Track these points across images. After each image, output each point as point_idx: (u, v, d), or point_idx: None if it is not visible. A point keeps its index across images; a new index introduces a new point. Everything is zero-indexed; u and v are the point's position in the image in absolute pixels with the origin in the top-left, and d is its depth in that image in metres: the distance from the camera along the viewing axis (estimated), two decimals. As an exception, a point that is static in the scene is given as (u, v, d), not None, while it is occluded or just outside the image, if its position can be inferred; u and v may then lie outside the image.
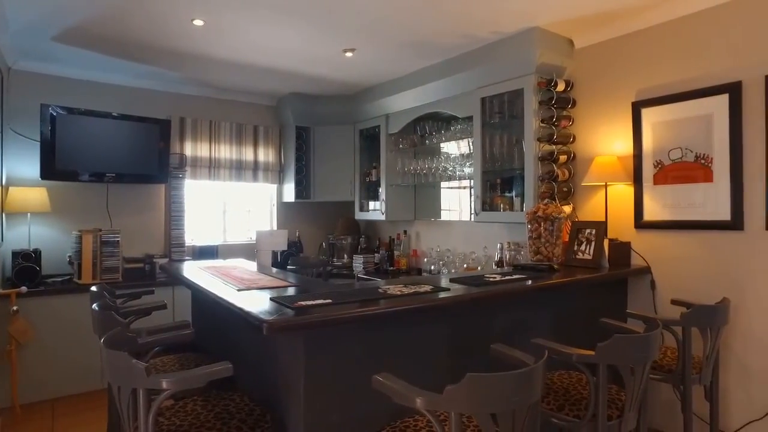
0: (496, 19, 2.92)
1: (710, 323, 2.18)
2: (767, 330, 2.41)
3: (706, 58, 2.63)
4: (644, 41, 2.88)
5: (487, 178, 3.46)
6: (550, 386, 1.94)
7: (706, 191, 2.63)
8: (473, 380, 1.20)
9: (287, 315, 1.51)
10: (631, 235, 2.93)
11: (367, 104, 4.55)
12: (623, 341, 1.66)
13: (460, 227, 4.06)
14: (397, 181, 4.39)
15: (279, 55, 3.65)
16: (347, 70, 3.98)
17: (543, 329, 2.42)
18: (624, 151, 2.96)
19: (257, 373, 2.00)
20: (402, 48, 3.45)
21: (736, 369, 2.52)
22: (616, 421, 1.75)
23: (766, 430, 2.42)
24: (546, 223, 2.63)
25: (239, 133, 4.81)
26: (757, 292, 2.44)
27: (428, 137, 4.08)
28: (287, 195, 5.00)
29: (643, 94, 2.88)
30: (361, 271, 4.47)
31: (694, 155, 2.68)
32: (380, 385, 1.35)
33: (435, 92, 3.81)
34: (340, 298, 1.78)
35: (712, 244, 2.61)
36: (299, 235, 5.09)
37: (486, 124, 3.42)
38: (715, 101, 2.59)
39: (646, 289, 2.86)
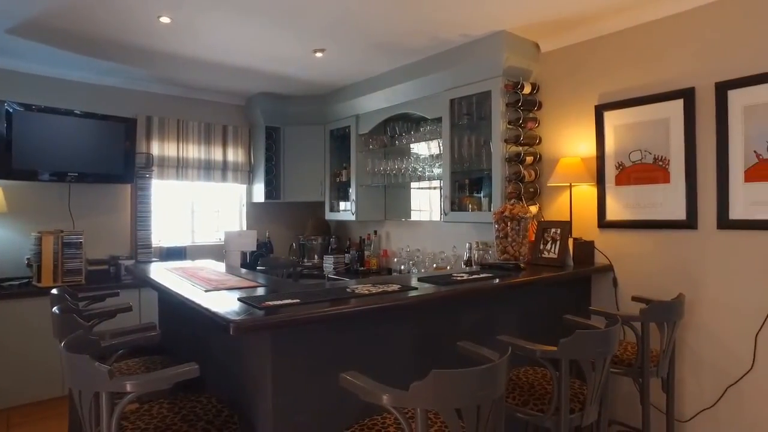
0: (465, 22, 2.97)
1: (667, 318, 2.28)
2: (719, 323, 2.53)
3: (663, 64, 2.73)
4: (606, 47, 2.97)
5: (456, 179, 3.51)
6: (516, 382, 1.99)
7: (663, 192, 2.73)
8: (438, 376, 1.22)
9: (255, 315, 1.51)
10: (595, 235, 3.02)
11: (338, 105, 4.55)
12: (584, 337, 1.71)
13: (430, 227, 4.11)
14: (367, 182, 4.40)
15: (248, 55, 3.61)
16: (317, 70, 3.98)
17: (511, 326, 2.48)
18: (588, 153, 3.04)
19: (226, 375, 1.98)
20: (372, 49, 3.47)
21: (690, 361, 2.63)
22: (578, 414, 1.81)
23: (716, 417, 2.54)
24: (512, 223, 2.69)
25: (208, 132, 4.74)
26: (710, 288, 2.56)
27: (398, 138, 4.11)
28: (257, 195, 4.96)
29: (605, 98, 2.98)
30: (331, 271, 4.47)
31: (653, 157, 2.78)
32: (347, 383, 1.36)
33: (405, 93, 3.84)
34: (308, 297, 1.78)
35: (670, 243, 2.71)
36: (269, 235, 5.05)
37: (455, 125, 3.47)
38: (671, 106, 2.69)
39: (609, 286, 2.95)
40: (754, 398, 2.41)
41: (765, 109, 2.38)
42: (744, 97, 2.44)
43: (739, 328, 2.46)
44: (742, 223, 2.45)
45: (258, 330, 1.50)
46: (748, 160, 2.43)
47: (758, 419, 2.40)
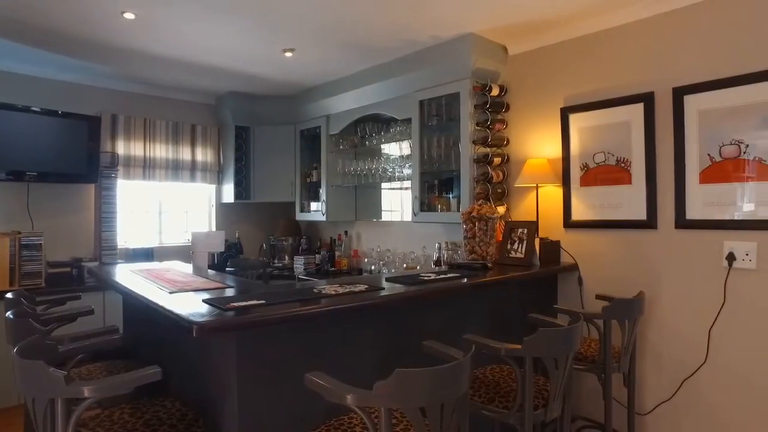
0: (433, 24, 3.00)
1: (628, 316, 2.34)
2: (676, 319, 2.62)
3: (625, 69, 2.82)
4: (572, 51, 3.04)
5: (426, 179, 3.54)
6: (482, 380, 2.02)
7: (626, 193, 2.81)
8: (401, 376, 1.23)
9: (219, 316, 1.49)
10: (561, 234, 3.08)
11: (308, 105, 4.53)
12: (547, 335, 1.75)
13: (400, 228, 4.13)
14: (337, 182, 4.40)
15: (217, 53, 3.57)
16: (287, 70, 3.95)
17: (478, 325, 2.51)
18: (554, 154, 3.11)
19: (191, 378, 1.95)
20: (342, 49, 3.47)
21: (650, 356, 2.71)
22: (542, 411, 1.85)
23: (674, 409, 2.63)
24: (480, 223, 2.73)
25: (176, 131, 4.65)
26: (669, 285, 2.64)
27: (368, 138, 4.12)
28: (226, 196, 4.89)
29: (570, 101, 3.05)
30: (302, 272, 4.45)
31: (616, 159, 2.85)
32: (312, 383, 1.36)
33: (375, 94, 3.85)
34: (274, 298, 1.77)
35: (631, 242, 2.79)
36: (239, 236, 4.99)
37: (424, 126, 3.50)
38: (632, 110, 2.77)
39: (574, 285, 3.02)
40: (708, 389, 2.51)
41: (717, 114, 2.47)
42: (699, 102, 2.53)
43: (694, 323, 2.55)
44: (697, 222, 2.54)
45: (222, 331, 1.49)
46: (702, 163, 2.52)
47: (712, 409, 2.50)
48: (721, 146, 2.47)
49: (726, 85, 2.45)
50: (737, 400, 2.42)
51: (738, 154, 2.42)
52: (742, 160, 2.41)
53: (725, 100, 2.45)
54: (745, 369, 2.40)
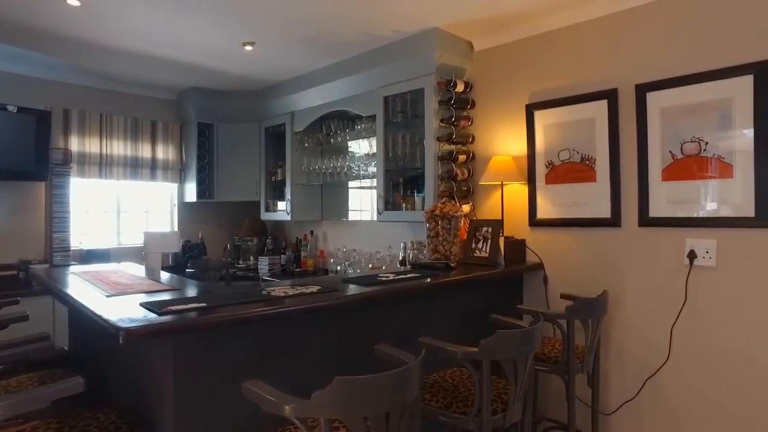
0: (397, 18, 2.92)
1: (591, 315, 2.30)
2: (640, 318, 2.59)
3: (589, 65, 2.79)
4: (537, 46, 3.00)
5: (390, 177, 3.46)
6: (441, 384, 1.95)
7: (590, 190, 2.78)
8: (341, 384, 1.14)
9: (150, 321, 1.37)
10: (526, 233, 3.04)
11: (273, 101, 4.41)
12: (505, 337, 1.69)
13: (366, 227, 4.04)
14: (303, 181, 4.29)
15: (175, 47, 3.42)
16: (249, 64, 3.83)
17: (441, 327, 2.43)
18: (519, 152, 3.06)
19: (130, 387, 1.83)
20: (303, 44, 3.37)
21: (615, 355, 2.68)
22: (501, 415, 1.78)
23: (637, 408, 2.61)
24: (444, 222, 2.66)
25: (135, 128, 4.47)
26: (633, 284, 2.62)
27: (334, 136, 4.02)
28: (189, 195, 4.74)
29: (535, 97, 3.01)
30: (266, 273, 4.32)
31: (580, 156, 2.82)
32: (249, 392, 1.26)
33: (339, 90, 3.76)
34: (217, 301, 1.67)
35: (596, 240, 2.76)
36: (202, 236, 4.83)
37: (389, 123, 3.43)
38: (596, 106, 2.74)
39: (540, 284, 2.98)
40: (670, 388, 2.49)
41: (678, 112, 2.46)
42: (661, 99, 2.51)
43: (657, 321, 2.53)
44: (660, 220, 2.52)
45: (152, 337, 1.38)
46: (664, 160, 2.50)
47: (674, 407, 2.48)
48: (682, 143, 2.46)
49: (686, 83, 2.43)
50: (698, 399, 2.41)
51: (698, 152, 2.41)
52: (703, 158, 2.40)
53: (686, 98, 2.44)
54: (706, 367, 2.38)
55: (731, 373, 2.31)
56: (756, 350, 2.25)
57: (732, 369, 2.31)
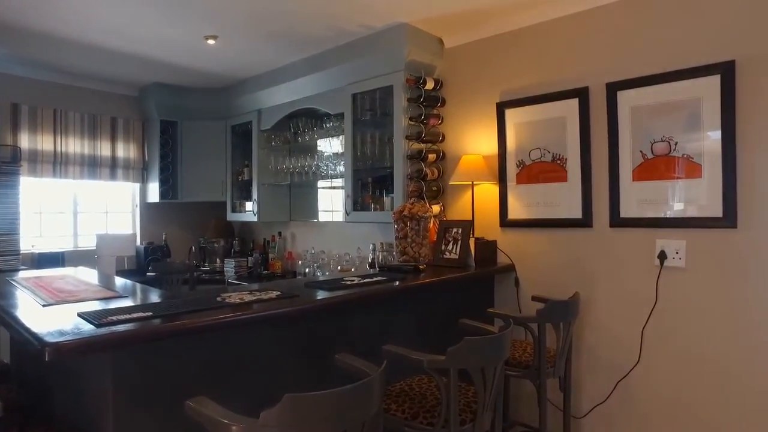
0: (364, 12, 2.83)
1: (563, 318, 2.25)
2: (612, 319, 2.56)
3: (560, 63, 2.74)
4: (507, 44, 2.95)
5: (359, 177, 3.37)
6: (408, 393, 1.85)
7: (561, 190, 2.74)
8: (291, 402, 1.04)
9: (81, 335, 1.24)
10: (497, 234, 2.98)
11: (239, 98, 4.27)
12: (473, 344, 1.60)
13: (336, 228, 3.93)
14: (270, 180, 4.16)
15: (133, 39, 3.25)
16: (213, 60, 3.68)
17: (409, 333, 2.35)
18: (490, 151, 3.00)
19: (72, 403, 1.68)
20: (269, 39, 3.24)
21: (586, 358, 2.64)
22: (470, 425, 1.70)
23: (608, 411, 2.57)
24: (412, 223, 2.57)
25: (93, 125, 4.26)
26: (604, 285, 2.58)
27: (302, 134, 3.91)
28: (152, 195, 4.55)
29: (506, 96, 2.95)
30: (232, 275, 4.17)
31: (552, 156, 2.77)
32: (192, 411, 1.15)
33: (307, 87, 3.65)
34: (165, 309, 1.54)
35: (567, 241, 2.72)
36: (166, 238, 4.64)
37: (357, 121, 3.33)
38: (567, 105, 2.70)
39: (511, 286, 2.93)
40: (641, 390, 2.46)
41: (649, 111, 2.43)
42: (631, 98, 2.48)
43: (628, 323, 2.50)
44: (631, 221, 2.49)
45: (84, 353, 1.24)
46: (635, 160, 2.47)
47: (645, 409, 2.45)
48: (652, 143, 2.43)
49: (656, 82, 2.41)
50: (668, 401, 2.38)
51: (668, 151, 2.38)
52: (672, 158, 2.37)
53: (656, 97, 2.41)
54: (676, 369, 2.36)
55: (700, 374, 2.29)
56: (723, 351, 2.23)
57: (701, 370, 2.29)
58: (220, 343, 1.61)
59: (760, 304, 2.15)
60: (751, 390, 2.16)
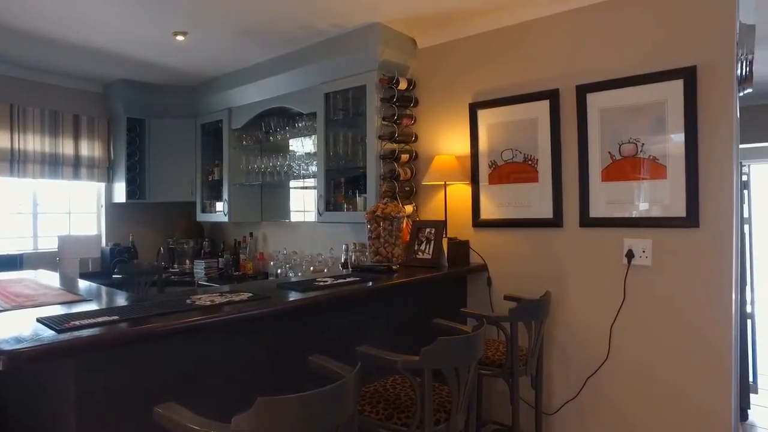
0: (337, 11, 2.81)
1: (534, 317, 2.28)
2: (582, 318, 2.60)
3: (531, 65, 2.78)
4: (480, 45, 2.97)
5: (332, 177, 3.34)
6: (382, 394, 1.84)
7: (533, 191, 2.77)
8: (263, 405, 1.02)
9: (41, 341, 1.19)
10: (470, 234, 3.00)
11: (209, 96, 4.18)
12: (446, 344, 1.61)
13: (308, 228, 3.90)
14: (241, 180, 4.09)
15: (97, 33, 3.14)
16: (182, 56, 3.59)
17: (383, 333, 2.34)
18: (462, 151, 3.02)
19: (28, 417, 1.61)
20: (240, 36, 3.19)
21: (558, 356, 2.69)
22: (444, 425, 1.70)
23: (579, 406, 2.62)
24: (385, 223, 2.57)
25: (54, 122, 4.11)
26: (575, 284, 2.63)
27: (273, 134, 3.85)
28: (118, 195, 4.41)
29: (479, 96, 2.97)
30: (202, 277, 4.09)
31: (523, 156, 2.81)
32: (161, 418, 1.11)
33: (279, 86, 3.60)
34: (132, 312, 1.49)
35: (539, 241, 2.75)
36: (133, 239, 4.52)
37: (330, 120, 3.30)
38: (538, 106, 2.74)
39: (484, 286, 2.95)
40: (610, 386, 2.51)
41: (616, 113, 2.49)
42: (600, 100, 2.53)
43: (597, 320, 2.55)
44: (600, 221, 2.54)
45: (43, 361, 1.19)
46: (604, 161, 2.52)
47: (613, 405, 2.50)
48: (620, 145, 2.48)
49: (623, 85, 2.46)
50: (636, 395, 2.44)
51: (635, 153, 2.44)
52: (639, 159, 2.43)
53: (623, 100, 2.47)
54: (643, 364, 2.42)
55: (665, 370, 2.35)
56: (686, 346, 2.30)
57: (666, 365, 2.35)
58: (190, 347, 1.57)
59: (720, 300, 2.22)
60: (710, 383, 2.23)
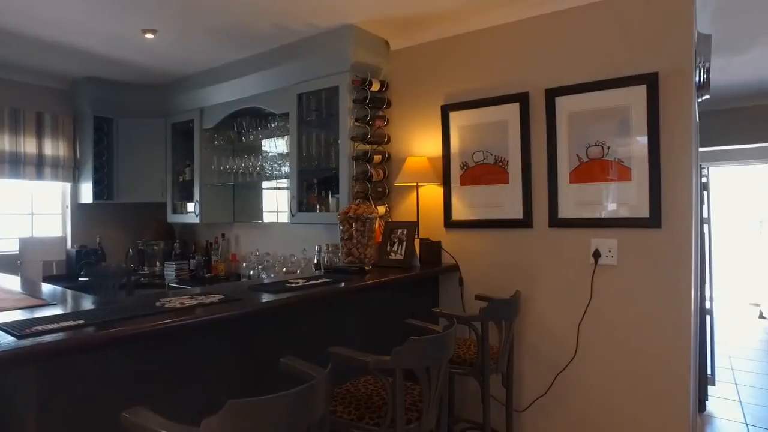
0: (310, 12, 2.80)
1: (505, 316, 2.32)
2: (551, 316, 2.66)
3: (502, 68, 2.82)
4: (453, 48, 3.00)
5: (304, 178, 3.33)
6: (354, 394, 1.85)
7: (503, 192, 2.82)
8: (233, 408, 1.01)
9: (1, 347, 1.16)
10: (442, 235, 3.03)
11: (180, 96, 4.12)
12: (417, 343, 1.63)
13: (281, 229, 3.88)
14: (213, 181, 4.04)
15: (63, 28, 3.05)
16: (152, 54, 3.53)
17: (356, 334, 2.35)
18: (435, 153, 3.05)
19: None
20: (212, 35, 3.15)
21: (528, 354, 2.74)
22: (416, 424, 1.72)
23: (548, 403, 2.68)
24: (357, 224, 2.58)
25: (16, 119, 3.98)
26: (544, 284, 2.69)
27: (246, 134, 3.82)
28: (85, 195, 4.30)
29: (451, 98, 3.01)
30: (173, 279, 4.02)
31: (494, 158, 2.85)
32: (128, 423, 1.10)
33: (252, 86, 3.57)
34: (99, 316, 1.46)
35: (509, 241, 2.80)
36: (101, 240, 4.41)
37: (303, 121, 3.29)
38: (509, 109, 2.78)
39: (456, 286, 2.99)
40: (578, 382, 2.58)
41: (584, 117, 2.55)
42: (568, 103, 2.60)
43: (566, 319, 2.61)
44: (568, 221, 2.60)
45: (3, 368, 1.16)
46: (572, 163, 2.59)
47: (581, 401, 2.57)
48: (587, 147, 2.55)
49: (590, 89, 2.53)
50: (602, 389, 2.51)
51: (602, 155, 2.51)
52: (606, 161, 2.50)
53: (591, 103, 2.54)
54: (608, 359, 2.49)
55: (631, 365, 2.43)
56: (648, 342, 2.38)
57: (629, 360, 2.43)
58: (160, 350, 1.55)
59: (680, 298, 2.31)
60: (670, 376, 2.32)
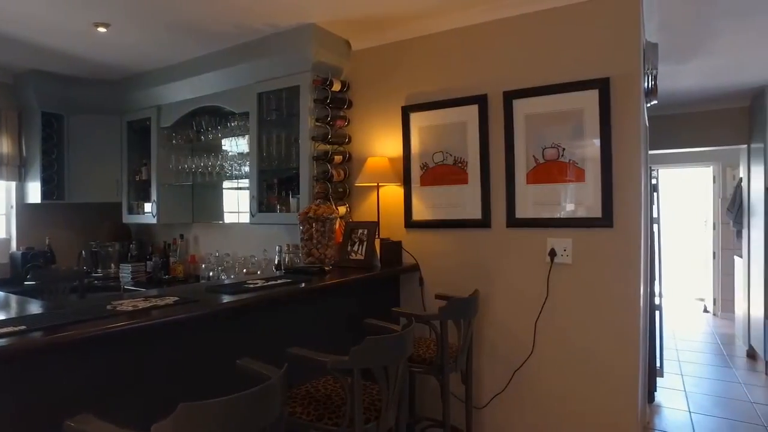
0: (270, 11, 2.77)
1: (463, 315, 2.35)
2: (509, 314, 2.73)
3: (462, 70, 2.87)
4: (413, 49, 3.03)
5: (265, 178, 3.29)
6: (313, 395, 1.85)
7: (463, 192, 2.86)
8: (184, 411, 1.00)
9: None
10: (402, 235, 3.05)
11: (136, 92, 4.00)
12: (375, 343, 1.64)
13: (241, 230, 3.82)
14: (170, 180, 3.94)
15: (5, 18, 2.91)
16: (105, 49, 3.41)
17: (315, 335, 2.34)
18: (395, 153, 3.07)
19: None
20: (169, 31, 3.07)
21: (486, 352, 2.79)
22: (374, 423, 1.73)
23: (506, 399, 2.74)
24: (318, 224, 2.57)
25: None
26: (502, 282, 2.75)
27: (205, 133, 3.74)
28: (32, 195, 4.11)
29: (411, 99, 3.03)
30: (129, 281, 3.90)
31: (453, 159, 2.90)
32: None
33: (211, 84, 3.50)
34: (44, 321, 1.41)
35: (469, 241, 2.85)
36: (50, 242, 4.23)
37: (263, 121, 3.25)
38: (468, 111, 2.83)
39: (416, 285, 3.01)
40: (535, 378, 2.65)
41: (540, 119, 2.62)
42: (525, 106, 2.66)
43: (523, 317, 2.68)
44: (525, 221, 2.67)
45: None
46: (529, 164, 2.65)
47: (538, 396, 2.64)
48: (544, 149, 2.62)
49: (546, 92, 2.60)
50: (557, 384, 2.58)
51: (557, 157, 2.58)
52: (561, 163, 2.57)
53: (546, 106, 2.61)
54: (563, 355, 2.57)
55: (582, 359, 2.51)
56: (601, 337, 2.47)
57: (583, 355, 2.51)
58: (111, 355, 1.50)
59: (630, 294, 2.40)
60: (622, 368, 2.41)
